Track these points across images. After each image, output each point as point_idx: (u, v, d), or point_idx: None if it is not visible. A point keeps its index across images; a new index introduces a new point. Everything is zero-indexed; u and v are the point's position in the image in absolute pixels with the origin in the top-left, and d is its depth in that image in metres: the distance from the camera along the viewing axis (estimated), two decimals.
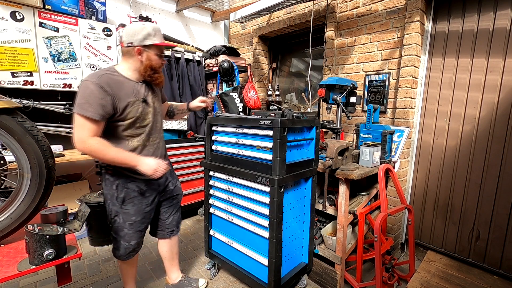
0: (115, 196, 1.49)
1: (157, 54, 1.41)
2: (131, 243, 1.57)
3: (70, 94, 2.69)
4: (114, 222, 1.54)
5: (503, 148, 1.93)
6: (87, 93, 1.27)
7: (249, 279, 1.81)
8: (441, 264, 2.07)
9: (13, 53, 2.28)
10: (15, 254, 1.30)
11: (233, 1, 3.60)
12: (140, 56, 1.39)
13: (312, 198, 1.89)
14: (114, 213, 1.52)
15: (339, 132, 2.16)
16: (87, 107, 1.25)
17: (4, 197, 1.51)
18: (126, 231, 1.55)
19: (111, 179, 1.48)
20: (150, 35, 1.36)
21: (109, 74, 1.34)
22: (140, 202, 1.53)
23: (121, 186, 1.48)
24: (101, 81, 1.29)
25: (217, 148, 1.95)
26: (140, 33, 1.35)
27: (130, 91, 1.38)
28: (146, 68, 1.40)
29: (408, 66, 2.17)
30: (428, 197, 2.32)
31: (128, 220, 1.52)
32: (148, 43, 1.36)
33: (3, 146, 2.08)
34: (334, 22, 2.67)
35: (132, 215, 1.52)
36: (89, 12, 2.67)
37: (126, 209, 1.51)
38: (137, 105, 1.40)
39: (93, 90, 1.27)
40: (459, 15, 2.08)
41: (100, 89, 1.28)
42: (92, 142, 1.28)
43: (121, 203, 1.50)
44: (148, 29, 1.36)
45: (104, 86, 1.29)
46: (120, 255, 1.59)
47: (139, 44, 1.36)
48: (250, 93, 3.06)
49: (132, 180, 1.49)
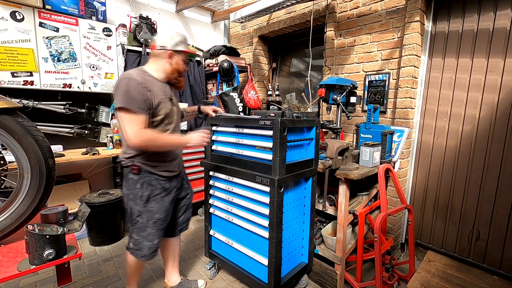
0: (139, 195, 1.51)
1: (183, 60, 1.55)
2: (154, 242, 1.58)
3: (70, 94, 2.70)
4: (136, 223, 1.55)
5: (503, 148, 1.93)
6: (130, 90, 1.35)
7: (249, 279, 1.81)
8: (441, 264, 2.07)
9: (13, 53, 2.28)
10: (15, 254, 1.30)
11: (233, 1, 3.60)
12: (170, 59, 1.51)
13: (312, 198, 1.89)
14: (137, 213, 1.53)
15: (339, 132, 2.16)
16: (133, 103, 1.34)
17: (4, 197, 1.51)
18: (150, 230, 1.56)
19: (135, 178, 1.51)
20: (182, 43, 1.52)
21: (142, 73, 1.44)
22: (162, 199, 1.57)
23: (146, 184, 1.51)
24: (139, 78, 1.39)
25: (217, 148, 1.95)
26: (173, 39, 1.50)
27: (160, 89, 1.49)
28: (173, 71, 1.53)
29: (408, 66, 2.17)
30: (428, 197, 2.32)
31: (152, 219, 1.54)
32: (179, 49, 1.51)
33: (3, 146, 2.08)
34: (334, 22, 2.67)
35: (156, 212, 1.55)
36: (89, 12, 2.66)
37: (150, 207, 1.53)
38: (166, 103, 1.51)
39: (134, 86, 1.36)
40: (459, 15, 2.08)
41: (140, 85, 1.37)
42: (147, 133, 1.37)
43: (145, 202, 1.52)
44: (180, 37, 1.52)
45: (143, 82, 1.39)
46: (144, 255, 1.58)
47: (171, 48, 1.49)
48: (250, 93, 3.06)
49: (156, 178, 1.53)
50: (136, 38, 2.89)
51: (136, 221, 1.54)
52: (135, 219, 1.54)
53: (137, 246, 1.58)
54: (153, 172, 1.52)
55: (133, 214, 1.54)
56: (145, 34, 2.93)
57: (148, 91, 1.40)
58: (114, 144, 2.87)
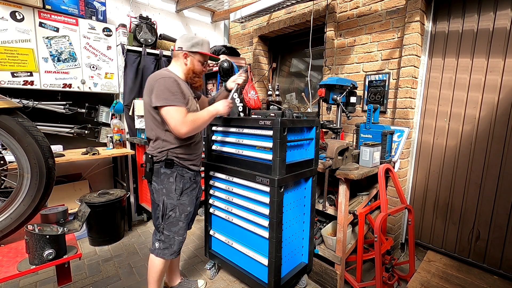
0: (174, 188, 1.56)
1: (200, 61, 1.61)
2: (184, 236, 1.64)
3: (70, 94, 2.70)
4: (168, 218, 1.58)
5: (503, 148, 1.93)
6: (169, 86, 1.44)
7: (249, 279, 1.81)
8: (441, 264, 2.07)
9: (13, 53, 2.28)
10: (15, 254, 1.30)
11: (233, 1, 3.60)
12: (185, 60, 1.59)
13: (312, 198, 1.89)
14: (170, 207, 1.57)
15: (339, 132, 2.16)
16: (173, 98, 1.44)
17: (4, 197, 1.51)
18: (182, 224, 1.61)
19: (168, 172, 1.55)
20: (198, 44, 1.58)
21: (173, 74, 1.54)
22: (191, 193, 1.64)
23: (179, 176, 1.57)
24: (174, 76, 1.51)
25: (217, 148, 1.95)
26: (190, 40, 1.57)
27: (186, 88, 1.57)
28: (188, 71, 1.60)
29: (408, 66, 2.17)
30: (428, 197, 2.32)
31: (184, 211, 1.61)
32: (194, 50, 1.57)
33: (3, 146, 2.08)
34: (334, 22, 2.67)
35: (188, 205, 1.62)
36: (89, 12, 2.67)
37: (183, 200, 1.59)
38: (192, 100, 1.60)
39: (172, 83, 1.46)
40: (459, 15, 2.08)
41: (176, 82, 1.47)
42: (188, 118, 1.46)
43: (179, 194, 1.57)
44: (197, 39, 1.58)
45: (177, 80, 1.50)
46: (173, 252, 1.61)
47: (187, 49, 1.57)
48: (250, 93, 3.05)
49: (187, 171, 1.61)
50: (136, 38, 2.89)
51: (169, 215, 1.57)
52: (167, 214, 1.57)
53: (167, 243, 1.59)
54: (185, 166, 1.59)
55: (167, 209, 1.57)
56: (145, 34, 2.94)
57: (181, 88, 1.50)
58: (114, 144, 2.87)
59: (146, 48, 2.93)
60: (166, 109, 1.44)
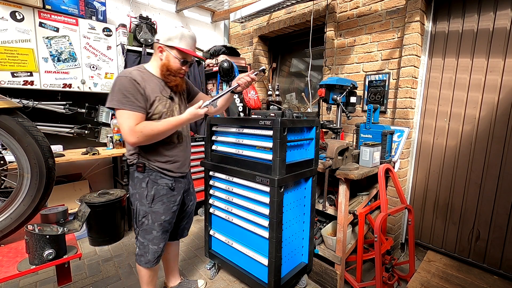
0: (145, 194, 1.47)
1: (177, 58, 1.42)
2: (160, 246, 1.53)
3: (70, 94, 2.70)
4: (142, 224, 1.51)
5: (503, 148, 1.93)
6: (123, 87, 1.32)
7: (249, 279, 1.81)
8: (441, 264, 2.07)
9: (13, 53, 2.28)
10: (15, 254, 1.30)
11: (233, 1, 3.60)
12: (160, 54, 1.43)
13: (312, 198, 1.89)
14: (142, 213, 1.49)
15: (339, 132, 2.16)
16: (125, 101, 1.31)
17: (4, 197, 1.51)
18: (155, 234, 1.51)
19: (141, 177, 1.47)
20: (176, 38, 1.39)
21: (137, 70, 1.41)
22: (168, 200, 1.52)
23: (151, 182, 1.47)
24: (132, 75, 1.35)
25: (217, 148, 1.95)
26: (168, 33, 1.40)
27: (156, 87, 1.43)
28: (163, 67, 1.44)
29: (408, 66, 2.17)
30: (428, 197, 2.32)
31: (157, 220, 1.50)
32: (170, 44, 1.40)
33: (3, 146, 2.08)
34: (334, 22, 2.67)
35: (162, 214, 1.50)
36: (89, 12, 2.66)
37: (156, 208, 1.49)
38: (164, 101, 1.45)
39: (127, 83, 1.33)
40: (459, 15, 2.08)
41: (133, 82, 1.33)
42: (139, 128, 1.32)
43: (151, 202, 1.47)
44: (176, 32, 1.39)
45: (136, 79, 1.35)
46: (148, 260, 1.53)
47: (163, 42, 1.40)
48: (250, 93, 3.06)
49: (162, 176, 1.49)
50: (136, 38, 2.89)
51: (142, 222, 1.50)
52: (140, 220, 1.50)
53: (142, 250, 1.53)
54: (159, 170, 1.48)
55: (139, 215, 1.50)
56: (145, 34, 2.93)
57: (143, 88, 1.35)
58: (114, 144, 2.87)
59: (146, 48, 2.92)
60: (118, 113, 1.33)
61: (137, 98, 1.33)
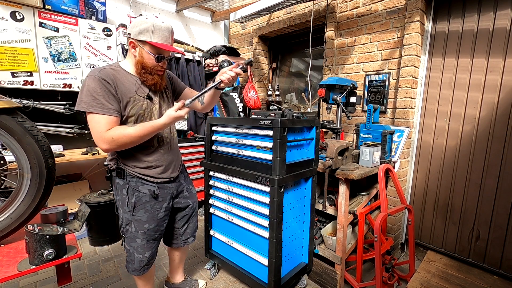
0: (126, 201, 1.38)
1: (151, 53, 1.28)
2: (145, 255, 1.45)
3: (70, 94, 2.70)
4: (126, 232, 1.44)
5: (503, 148, 1.93)
6: (91, 88, 1.20)
7: (249, 279, 1.81)
8: (441, 264, 2.07)
9: (13, 53, 2.28)
10: (15, 254, 1.30)
11: (233, 1, 3.60)
12: (133, 50, 1.30)
13: (312, 198, 1.89)
14: (125, 221, 1.42)
15: (339, 132, 2.16)
16: (94, 103, 1.20)
17: (4, 197, 1.51)
18: (139, 242, 1.43)
19: (121, 183, 1.39)
20: (147, 31, 1.24)
21: (109, 69, 1.28)
22: (152, 208, 1.42)
23: (132, 189, 1.38)
24: (101, 74, 1.23)
25: (217, 148, 1.95)
26: (138, 25, 1.24)
27: (131, 87, 1.31)
28: (137, 64, 1.31)
29: (408, 66, 2.17)
30: (428, 197, 2.32)
31: (140, 229, 1.42)
32: (142, 39, 1.25)
33: (3, 146, 2.08)
34: (334, 22, 2.67)
35: (145, 222, 1.41)
36: (89, 12, 2.67)
37: (138, 216, 1.40)
38: (140, 101, 1.33)
39: (96, 84, 1.21)
40: (459, 15, 2.08)
41: (102, 83, 1.21)
42: (110, 133, 1.21)
43: (132, 209, 1.39)
44: (147, 24, 1.24)
45: (106, 79, 1.23)
46: (134, 269, 1.47)
47: (133, 37, 1.26)
48: (250, 93, 3.06)
49: (143, 183, 1.40)
50: None
51: (126, 229, 1.43)
52: (125, 228, 1.43)
53: (129, 257, 1.48)
54: (140, 176, 1.38)
55: (123, 222, 1.43)
56: None
57: (114, 88, 1.24)
58: None
59: None
60: (88, 117, 1.23)
61: (107, 100, 1.22)
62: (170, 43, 1.32)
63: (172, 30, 1.32)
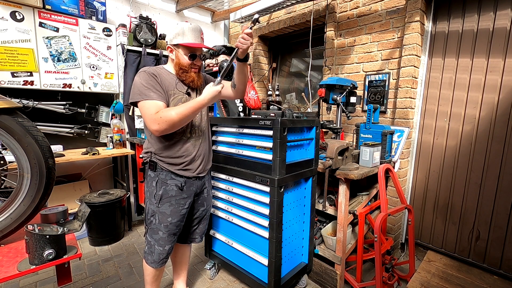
0: (154, 193, 1.49)
1: (185, 54, 1.43)
2: (165, 248, 1.53)
3: (70, 94, 2.70)
4: (150, 223, 1.53)
5: (503, 148, 1.93)
6: (142, 81, 1.37)
7: (249, 279, 1.81)
8: (441, 264, 2.07)
9: (13, 53, 2.28)
10: (15, 254, 1.30)
11: (233, 1, 3.60)
12: (171, 54, 1.47)
13: (312, 198, 1.89)
14: (151, 212, 1.51)
15: (339, 132, 2.16)
16: (146, 91, 1.35)
17: (4, 197, 1.51)
18: (161, 235, 1.51)
19: (152, 175, 1.50)
20: (179, 35, 1.41)
21: (155, 68, 1.46)
22: (177, 202, 1.51)
23: (161, 182, 1.48)
24: (149, 70, 1.41)
25: (217, 148, 1.95)
26: (172, 32, 1.43)
27: (172, 83, 1.46)
28: (176, 66, 1.47)
29: (408, 66, 2.17)
30: (428, 197, 2.32)
31: (164, 222, 1.49)
32: (175, 42, 1.42)
33: (3, 146, 2.08)
34: (334, 22, 2.67)
35: (168, 215, 1.49)
36: (89, 12, 2.66)
37: (163, 209, 1.49)
38: (180, 95, 1.47)
39: (147, 76, 1.38)
40: (459, 15, 2.08)
41: (150, 75, 1.39)
42: (159, 114, 1.31)
43: (158, 201, 1.48)
44: (178, 29, 1.41)
45: (153, 73, 1.40)
46: (153, 261, 1.54)
47: (170, 43, 1.45)
48: (250, 93, 3.05)
49: (172, 177, 1.49)
50: (136, 38, 2.89)
51: (150, 221, 1.52)
52: (149, 219, 1.53)
53: (149, 249, 1.55)
54: (169, 170, 1.47)
55: (148, 213, 1.53)
56: (145, 34, 2.93)
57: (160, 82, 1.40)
58: (114, 144, 2.87)
59: (146, 48, 2.92)
60: (140, 105, 1.36)
61: (156, 89, 1.37)
62: (200, 41, 1.48)
63: (200, 29, 1.48)
